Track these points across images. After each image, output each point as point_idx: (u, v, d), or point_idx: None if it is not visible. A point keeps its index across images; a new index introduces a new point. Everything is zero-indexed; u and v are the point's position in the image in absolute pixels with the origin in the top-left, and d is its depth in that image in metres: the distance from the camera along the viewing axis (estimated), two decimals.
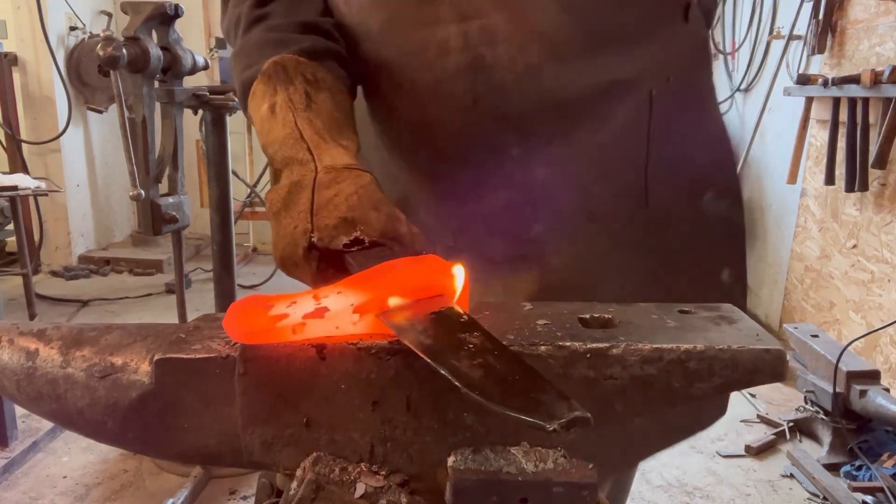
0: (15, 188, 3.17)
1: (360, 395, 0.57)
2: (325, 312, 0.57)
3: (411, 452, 0.58)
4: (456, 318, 0.57)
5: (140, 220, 2.42)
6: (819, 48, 3.27)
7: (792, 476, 2.54)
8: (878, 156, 2.73)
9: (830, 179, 3.13)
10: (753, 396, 3.11)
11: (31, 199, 4.49)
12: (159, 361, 0.59)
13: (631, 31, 0.84)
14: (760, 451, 2.71)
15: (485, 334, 0.55)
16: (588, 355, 0.58)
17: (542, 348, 0.58)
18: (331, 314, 0.57)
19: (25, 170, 4.42)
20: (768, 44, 3.96)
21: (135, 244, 5.42)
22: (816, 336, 2.77)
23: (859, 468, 2.44)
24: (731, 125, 4.39)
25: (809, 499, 2.42)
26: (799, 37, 3.52)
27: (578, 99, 0.83)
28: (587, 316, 0.65)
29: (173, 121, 2.40)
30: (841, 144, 3.07)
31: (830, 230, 3.29)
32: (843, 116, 3.02)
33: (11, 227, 3.86)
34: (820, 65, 3.41)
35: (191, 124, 3.17)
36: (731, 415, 2.93)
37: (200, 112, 2.55)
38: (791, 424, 2.81)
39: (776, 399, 3.10)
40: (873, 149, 2.77)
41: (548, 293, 0.87)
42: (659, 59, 0.87)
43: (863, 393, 2.42)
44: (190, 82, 2.56)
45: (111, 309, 4.31)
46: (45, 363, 0.62)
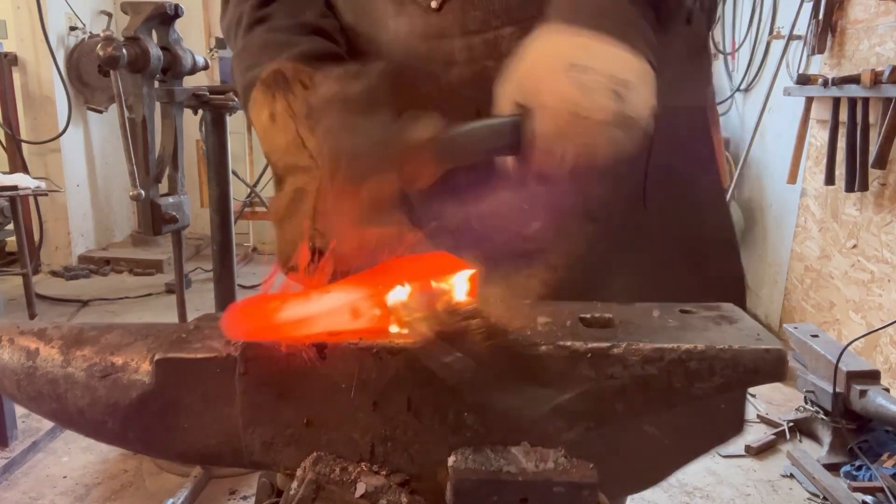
0: (15, 188, 3.17)
1: (361, 395, 0.57)
2: (329, 307, 0.57)
3: (412, 452, 0.58)
4: (462, 309, 0.57)
5: (140, 220, 2.42)
6: (819, 48, 3.27)
7: (792, 476, 2.54)
8: (878, 156, 2.73)
9: (830, 179, 3.13)
10: (753, 396, 3.11)
11: (31, 199, 4.49)
12: (160, 361, 0.59)
13: (632, 38, 0.84)
14: (760, 451, 2.71)
15: (487, 324, 0.55)
16: (589, 355, 0.58)
17: (543, 348, 0.58)
18: (336, 309, 0.57)
19: (25, 170, 4.42)
20: (768, 44, 3.96)
21: (135, 244, 5.41)
22: (816, 336, 2.76)
23: (859, 468, 2.44)
24: (731, 125, 4.39)
25: (809, 499, 2.42)
26: (799, 37, 3.51)
27: None
28: (588, 315, 0.65)
29: (173, 121, 2.40)
30: (841, 144, 3.07)
31: (830, 230, 3.29)
32: (843, 116, 3.02)
33: (11, 227, 3.85)
34: (820, 65, 3.41)
35: (191, 124, 3.16)
36: None
37: (200, 112, 2.55)
38: (791, 424, 2.81)
39: (776, 399, 3.10)
40: (873, 149, 2.77)
41: (548, 293, 0.87)
42: (659, 60, 0.87)
43: (863, 393, 2.42)
44: (190, 82, 2.55)
45: (111, 309, 4.31)
46: (46, 363, 0.62)
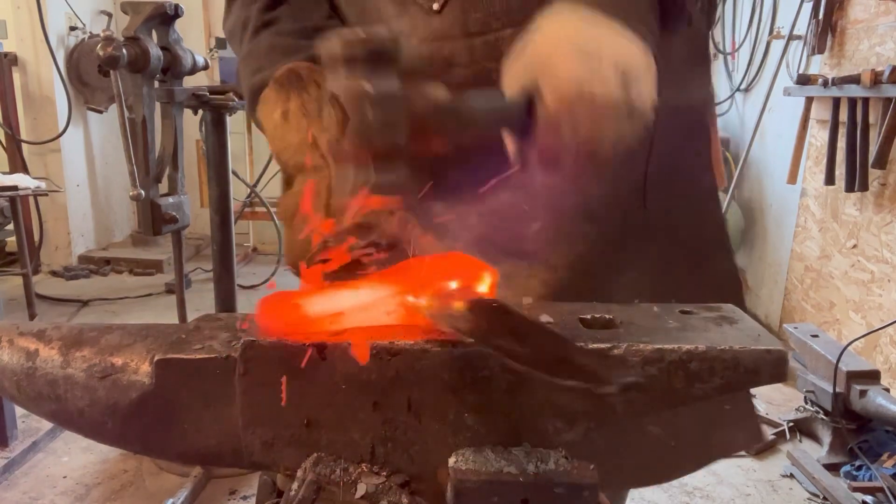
0: (15, 188, 3.16)
1: (361, 396, 0.57)
2: (357, 305, 0.58)
3: (412, 453, 0.58)
4: (489, 306, 0.58)
5: (140, 220, 2.42)
6: (819, 48, 3.27)
7: (792, 476, 2.54)
8: (878, 156, 2.73)
9: (830, 179, 3.13)
10: (753, 396, 3.11)
11: (31, 199, 4.49)
12: (159, 362, 0.59)
13: (640, 30, 0.84)
14: (760, 451, 2.71)
15: (519, 317, 0.55)
16: None
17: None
18: (364, 306, 0.58)
19: (25, 170, 4.42)
20: (768, 44, 3.96)
21: (135, 244, 5.41)
22: (816, 336, 2.76)
23: (859, 468, 2.44)
24: (731, 125, 4.39)
25: (809, 499, 2.42)
26: (799, 37, 3.51)
27: None
28: (588, 316, 0.65)
29: (173, 121, 2.40)
30: (841, 144, 3.07)
31: (830, 230, 3.29)
32: (843, 116, 3.01)
33: (11, 227, 3.85)
34: (820, 65, 3.41)
35: (191, 124, 3.16)
36: None
37: (200, 112, 2.55)
38: (791, 424, 2.81)
39: (776, 399, 3.10)
40: (873, 149, 2.77)
41: (548, 293, 0.87)
42: (660, 60, 0.87)
43: (863, 393, 2.42)
44: (190, 82, 2.56)
45: (111, 309, 4.31)
46: (46, 363, 0.62)
